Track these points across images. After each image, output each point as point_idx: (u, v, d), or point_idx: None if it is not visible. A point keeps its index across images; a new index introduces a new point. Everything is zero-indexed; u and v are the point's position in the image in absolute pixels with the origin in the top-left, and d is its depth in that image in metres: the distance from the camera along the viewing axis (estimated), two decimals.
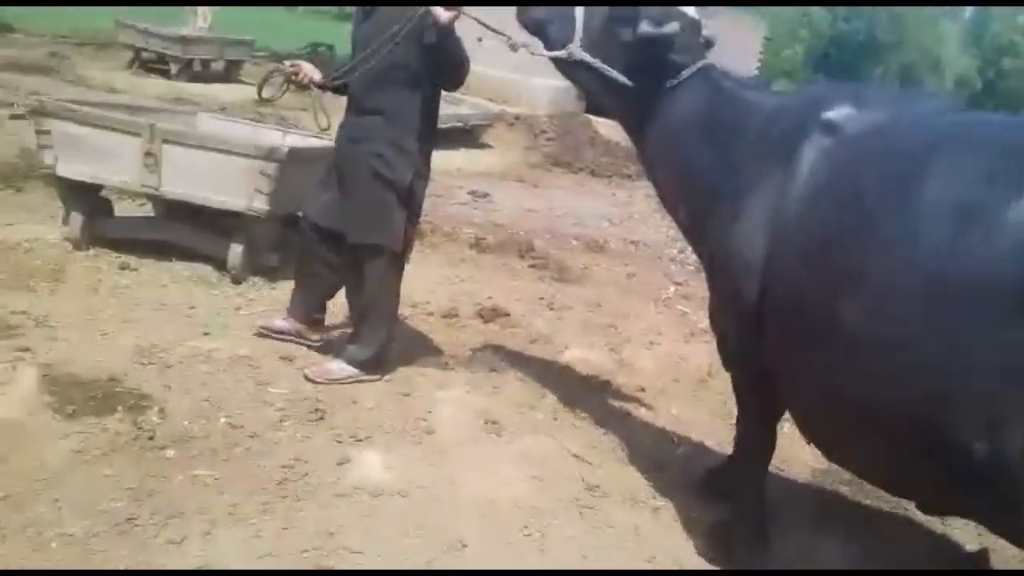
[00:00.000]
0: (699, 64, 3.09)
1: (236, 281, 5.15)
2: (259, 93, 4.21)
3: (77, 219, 5.18)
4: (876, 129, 2.54)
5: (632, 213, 10.18)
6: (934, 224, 2.18)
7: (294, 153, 5.05)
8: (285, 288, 5.13)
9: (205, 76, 13.92)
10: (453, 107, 13.26)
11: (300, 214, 4.34)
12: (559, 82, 17.36)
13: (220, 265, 5.20)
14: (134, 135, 4.91)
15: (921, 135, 2.44)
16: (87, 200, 5.21)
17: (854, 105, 2.65)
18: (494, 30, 3.57)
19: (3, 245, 5.04)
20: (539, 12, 3.35)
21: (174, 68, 13.70)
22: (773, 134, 2.79)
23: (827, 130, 2.62)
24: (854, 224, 2.39)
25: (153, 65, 14.14)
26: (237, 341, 4.16)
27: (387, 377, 4.06)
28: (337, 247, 4.09)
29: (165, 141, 4.92)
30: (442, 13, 3.52)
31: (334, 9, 59.95)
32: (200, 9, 18.99)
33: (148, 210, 5.72)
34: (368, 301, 4.05)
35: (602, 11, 3.19)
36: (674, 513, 3.35)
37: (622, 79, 3.14)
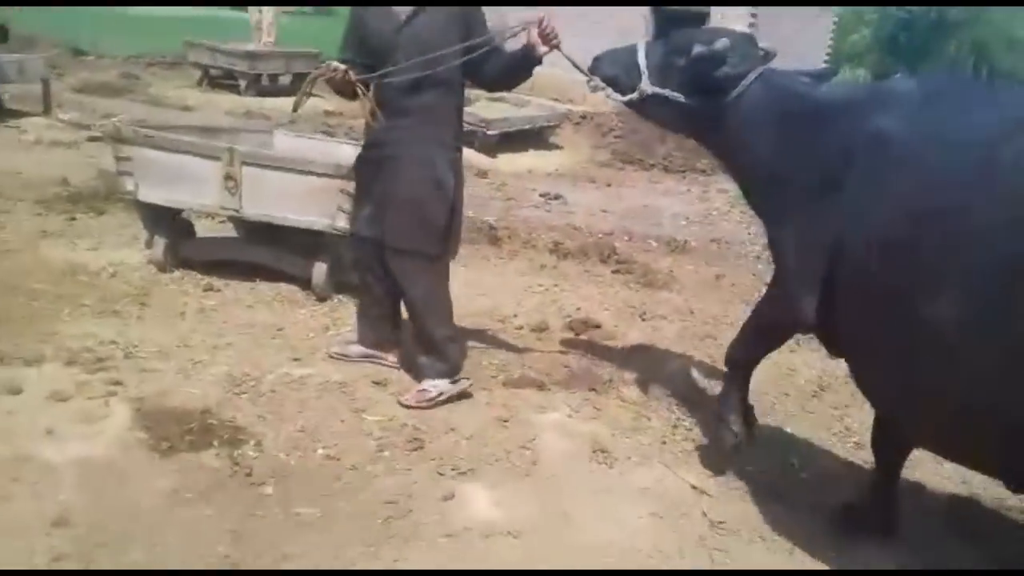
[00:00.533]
0: (758, 71, 3.25)
1: (321, 299, 5.05)
2: (296, 107, 4.00)
3: (160, 242, 5.13)
4: (944, 126, 2.59)
5: (710, 209, 9.83)
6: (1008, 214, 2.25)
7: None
8: None
9: (273, 90, 14.01)
10: (520, 109, 13.07)
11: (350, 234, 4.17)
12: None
13: (304, 284, 5.10)
14: (214, 159, 4.82)
15: (990, 126, 2.46)
16: (169, 223, 5.16)
17: (923, 101, 2.73)
18: (581, 70, 3.64)
19: (88, 270, 5.02)
20: (607, 69, 3.55)
21: (242, 84, 13.83)
22: (839, 133, 2.88)
23: (893, 128, 2.68)
24: (937, 216, 2.43)
25: (222, 81, 14.30)
26: (328, 366, 4.02)
27: (485, 400, 3.88)
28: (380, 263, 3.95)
29: (245, 163, 4.82)
30: (540, 45, 3.56)
31: None
32: (264, 25, 19.20)
33: (230, 228, 5.65)
34: (422, 309, 3.89)
35: (659, 48, 3.47)
36: (811, 555, 3.06)
37: (687, 100, 3.35)
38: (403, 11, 3.66)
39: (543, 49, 3.56)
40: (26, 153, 8.49)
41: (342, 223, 4.83)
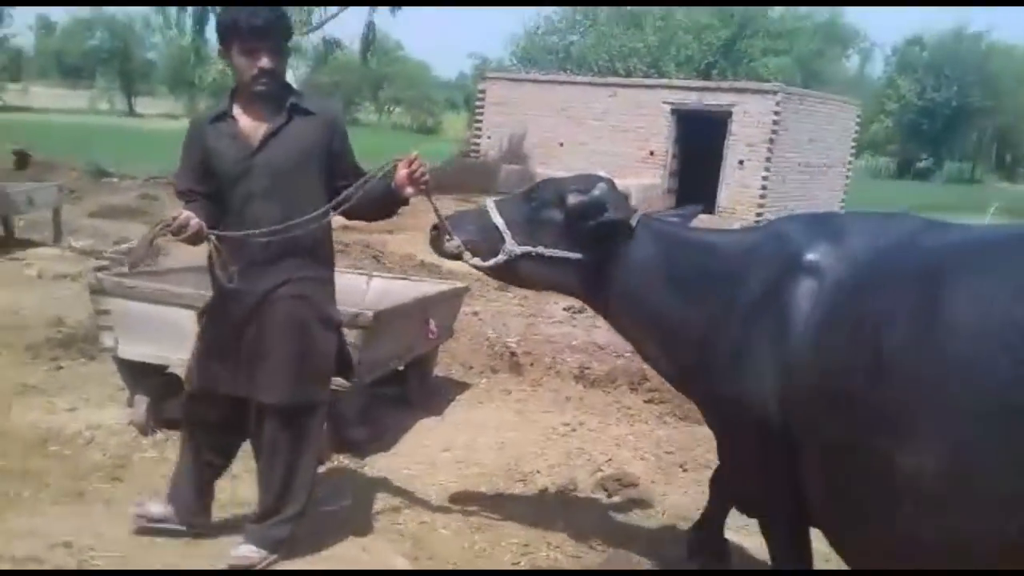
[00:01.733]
0: (636, 216, 3.07)
1: (320, 461, 4.47)
2: (130, 261, 3.37)
3: (142, 402, 4.64)
4: (863, 262, 2.48)
5: None
6: (979, 348, 2.04)
7: (381, 317, 4.40)
8: (376, 466, 4.49)
9: None
10: None
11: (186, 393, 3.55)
12: (639, 180, 16.92)
13: None
14: (194, 308, 4.35)
15: (916, 260, 2.35)
16: (153, 382, 4.67)
17: (829, 240, 2.61)
18: (443, 224, 3.28)
19: (62, 437, 4.51)
20: (460, 236, 3.25)
21: None
22: (758, 280, 2.72)
23: (812, 271, 2.57)
24: (877, 360, 2.22)
25: None
26: (319, 562, 3.41)
27: None
28: (238, 421, 3.39)
29: None
30: (407, 187, 3.23)
31: (415, 124, 61.93)
32: None
33: None
34: (293, 468, 3.35)
35: (517, 205, 3.25)
36: None
37: (570, 255, 3.12)
38: (256, 134, 3.17)
39: (409, 191, 3.22)
40: (27, 289, 8.17)
41: (341, 376, 4.31)
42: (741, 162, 19.44)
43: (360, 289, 6.08)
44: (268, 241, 3.11)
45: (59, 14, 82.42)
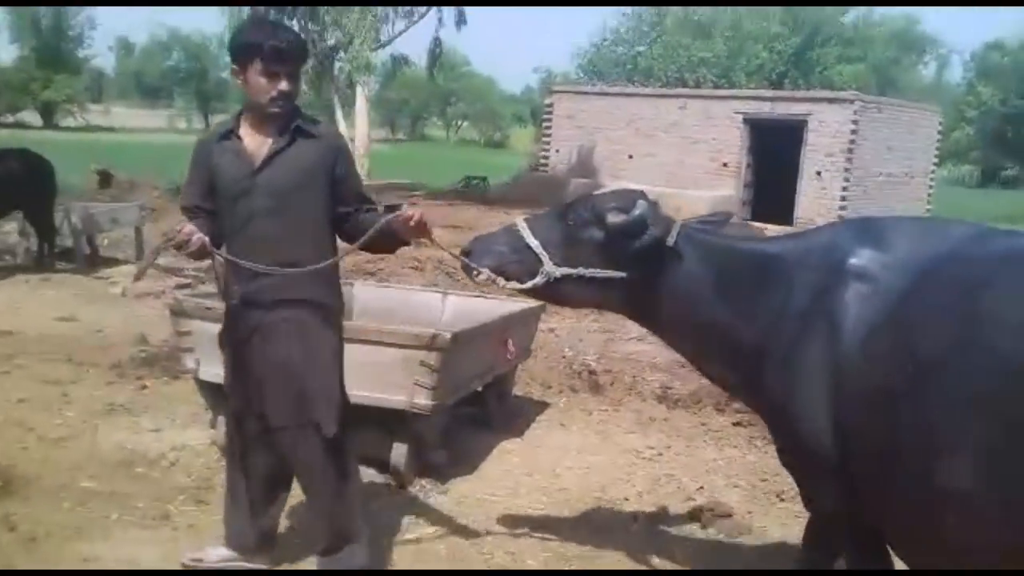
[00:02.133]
0: (676, 227, 2.98)
1: (401, 486, 4.39)
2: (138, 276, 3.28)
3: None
4: (912, 268, 2.48)
5: None
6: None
7: (460, 338, 4.29)
8: (458, 492, 4.37)
9: None
10: None
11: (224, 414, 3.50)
12: (713, 192, 16.59)
13: (382, 465, 4.46)
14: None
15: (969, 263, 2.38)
16: None
17: (876, 246, 2.60)
18: (465, 262, 3.18)
19: (147, 459, 4.52)
20: (491, 260, 3.12)
21: None
22: (808, 288, 2.69)
23: (860, 277, 2.56)
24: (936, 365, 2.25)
25: None
26: None
27: None
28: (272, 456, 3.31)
29: None
30: (410, 233, 3.15)
31: (483, 139, 62.31)
32: (357, 156, 19.48)
33: None
34: (333, 493, 3.26)
35: (551, 224, 3.14)
36: None
37: (613, 274, 3.01)
38: (259, 152, 3.10)
39: (412, 235, 3.17)
40: (113, 307, 8.33)
41: (422, 400, 4.22)
42: (819, 172, 18.94)
43: (436, 308, 6.00)
44: (273, 262, 3.06)
45: (138, 35, 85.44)
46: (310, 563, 3.45)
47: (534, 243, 3.07)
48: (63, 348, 6.50)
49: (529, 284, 3.07)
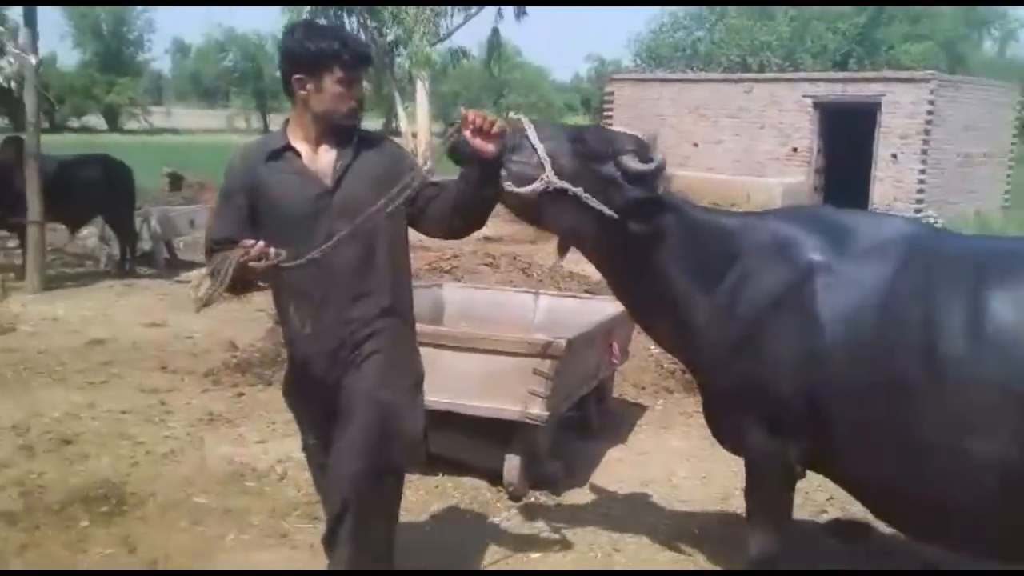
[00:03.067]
0: (662, 190, 2.99)
1: (515, 499, 4.26)
2: (199, 297, 2.69)
3: None
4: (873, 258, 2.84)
5: None
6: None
7: (575, 344, 4.14)
8: (573, 505, 4.23)
9: None
10: None
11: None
12: (784, 179, 16.05)
13: (495, 478, 4.33)
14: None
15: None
16: None
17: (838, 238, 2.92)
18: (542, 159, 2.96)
19: (255, 471, 4.46)
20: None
21: None
22: (772, 275, 2.93)
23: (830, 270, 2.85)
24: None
25: None
26: None
27: None
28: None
29: (422, 344, 4.16)
30: (484, 146, 2.71)
31: None
32: (420, 150, 19.42)
33: None
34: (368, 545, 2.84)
35: (560, 141, 2.98)
36: None
37: (608, 211, 2.94)
38: (327, 170, 2.75)
39: (489, 148, 2.70)
40: (197, 312, 8.33)
41: (536, 409, 4.08)
42: (894, 155, 18.30)
43: (529, 308, 5.85)
44: (344, 289, 2.75)
45: (194, 36, 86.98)
46: None
47: (539, 147, 2.91)
48: (156, 356, 6.52)
49: (528, 189, 2.88)
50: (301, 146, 2.78)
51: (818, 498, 4.30)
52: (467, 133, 2.71)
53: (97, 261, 10.55)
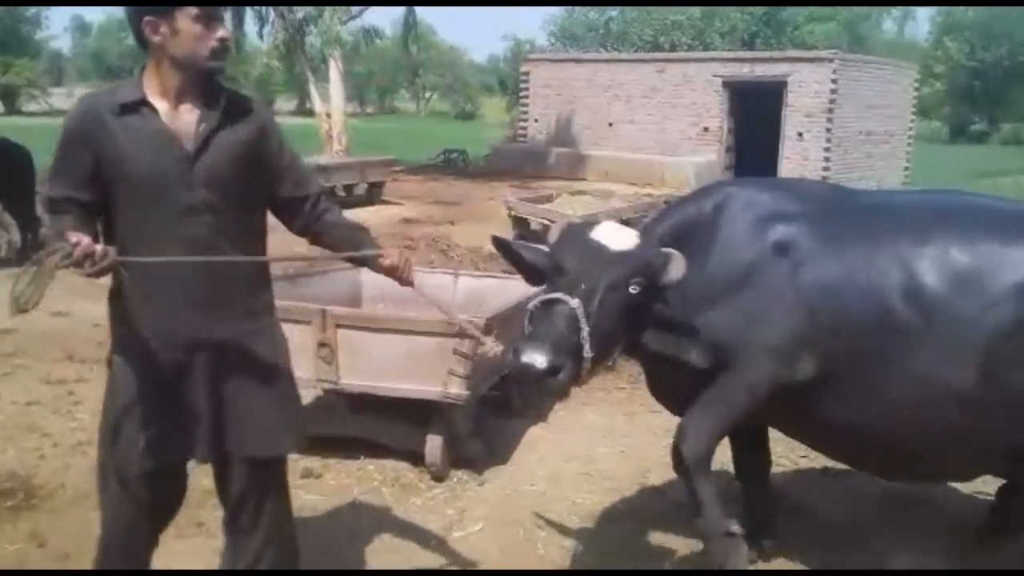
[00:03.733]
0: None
1: (437, 479, 4.25)
2: (14, 299, 2.10)
3: None
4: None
5: None
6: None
7: (493, 323, 4.13)
8: (496, 484, 4.24)
9: (349, 202, 13.62)
10: (605, 202, 12.34)
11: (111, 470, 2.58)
12: (696, 158, 16.51)
13: (417, 459, 4.31)
14: (304, 323, 4.12)
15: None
16: None
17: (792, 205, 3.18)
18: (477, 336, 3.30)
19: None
20: (559, 359, 2.62)
21: None
22: (746, 250, 3.07)
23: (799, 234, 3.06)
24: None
25: None
26: None
27: None
28: (174, 491, 2.73)
29: (339, 326, 4.12)
30: (391, 271, 2.62)
31: (454, 110, 61.66)
32: (335, 133, 19.11)
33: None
34: (277, 529, 2.72)
35: (614, 301, 2.77)
36: None
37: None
38: (188, 131, 2.44)
39: (400, 278, 2.65)
40: (102, 299, 8.01)
41: (456, 389, 4.07)
42: (800, 134, 18.88)
43: (448, 289, 5.82)
44: (199, 271, 2.46)
45: (95, 14, 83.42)
46: None
47: (585, 335, 2.65)
48: (62, 345, 6.26)
49: (568, 383, 2.71)
50: (159, 102, 2.43)
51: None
52: (387, 263, 2.60)
53: None
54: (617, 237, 2.87)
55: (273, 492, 2.71)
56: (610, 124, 21.63)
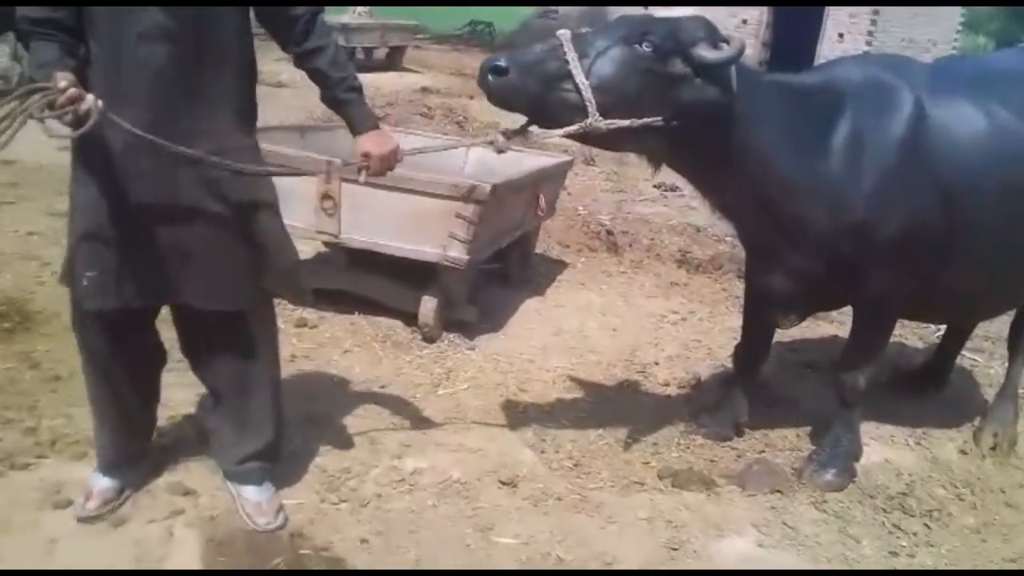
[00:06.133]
0: (734, 66, 2.63)
1: (429, 340, 4.30)
2: None
3: None
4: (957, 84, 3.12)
5: None
6: None
7: (499, 190, 4.09)
8: (487, 349, 4.30)
9: (368, 65, 13.35)
10: None
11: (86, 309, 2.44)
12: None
13: (410, 319, 4.35)
14: (308, 174, 4.08)
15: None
16: None
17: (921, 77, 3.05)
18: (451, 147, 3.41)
19: None
20: (529, 85, 2.50)
21: None
22: (883, 119, 2.91)
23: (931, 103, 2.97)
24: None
25: None
26: (443, 453, 3.24)
27: (643, 511, 3.02)
28: (148, 338, 2.65)
29: (344, 180, 4.07)
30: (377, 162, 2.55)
31: None
32: None
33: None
34: (256, 381, 2.70)
35: (613, 53, 2.54)
36: None
37: (668, 123, 2.60)
38: None
39: (378, 168, 2.58)
40: None
41: (456, 253, 4.06)
42: (841, 35, 18.18)
43: (459, 159, 5.75)
44: (168, 95, 2.27)
45: None
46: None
47: (583, 83, 2.49)
48: (65, 179, 6.23)
49: (563, 131, 2.55)
50: None
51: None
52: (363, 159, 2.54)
53: (8, 80, 9.93)
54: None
55: (233, 347, 2.62)
56: (645, 7, 20.84)
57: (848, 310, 3.39)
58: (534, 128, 2.64)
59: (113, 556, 2.48)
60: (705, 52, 2.56)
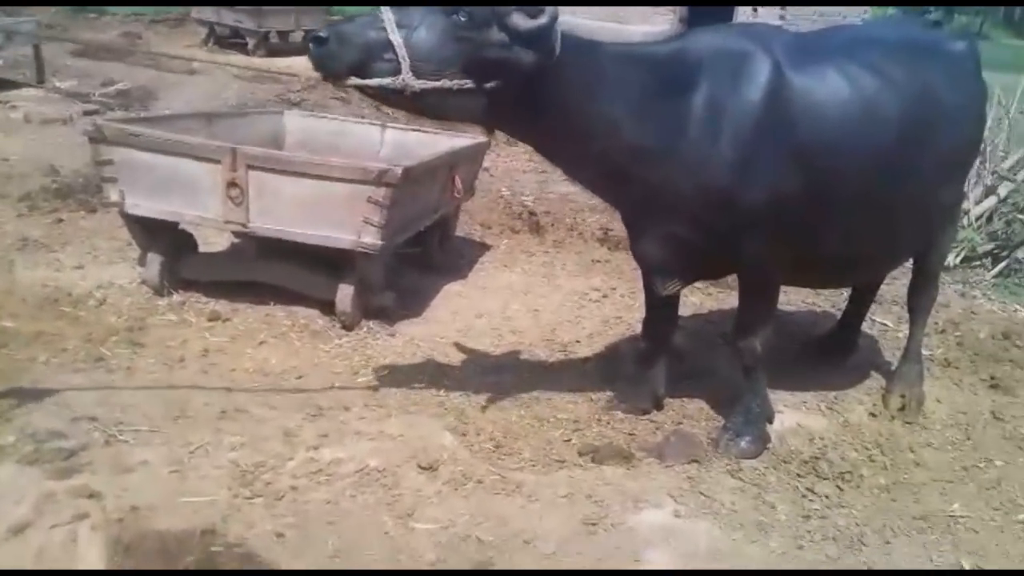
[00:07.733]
0: (559, 32, 2.73)
1: (348, 328, 4.23)
2: None
3: (155, 260, 4.32)
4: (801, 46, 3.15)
5: None
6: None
7: (412, 172, 4.04)
8: (408, 335, 4.26)
9: (283, 49, 13.06)
10: None
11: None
12: (647, 28, 15.88)
13: (327, 307, 4.28)
14: (213, 161, 3.97)
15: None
16: (164, 238, 4.34)
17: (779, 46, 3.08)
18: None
19: (72, 296, 4.24)
20: (348, 54, 2.65)
21: (250, 42, 12.94)
22: (738, 85, 2.97)
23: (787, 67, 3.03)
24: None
25: (229, 40, 13.39)
26: (362, 441, 3.20)
27: (563, 488, 3.03)
28: None
29: (251, 167, 3.97)
30: None
31: None
32: None
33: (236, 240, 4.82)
34: None
35: (435, 25, 2.68)
36: None
37: (490, 84, 2.74)
38: None
39: None
40: (16, 134, 7.67)
41: (369, 238, 4.01)
42: (755, 9, 18.48)
43: (375, 141, 5.69)
44: None
45: None
46: None
47: (398, 41, 2.63)
48: None
49: (376, 83, 2.65)
50: None
51: None
52: None
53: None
54: None
55: None
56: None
57: None
58: (352, 78, 2.68)
59: (15, 564, 2.38)
60: (520, 20, 2.67)
